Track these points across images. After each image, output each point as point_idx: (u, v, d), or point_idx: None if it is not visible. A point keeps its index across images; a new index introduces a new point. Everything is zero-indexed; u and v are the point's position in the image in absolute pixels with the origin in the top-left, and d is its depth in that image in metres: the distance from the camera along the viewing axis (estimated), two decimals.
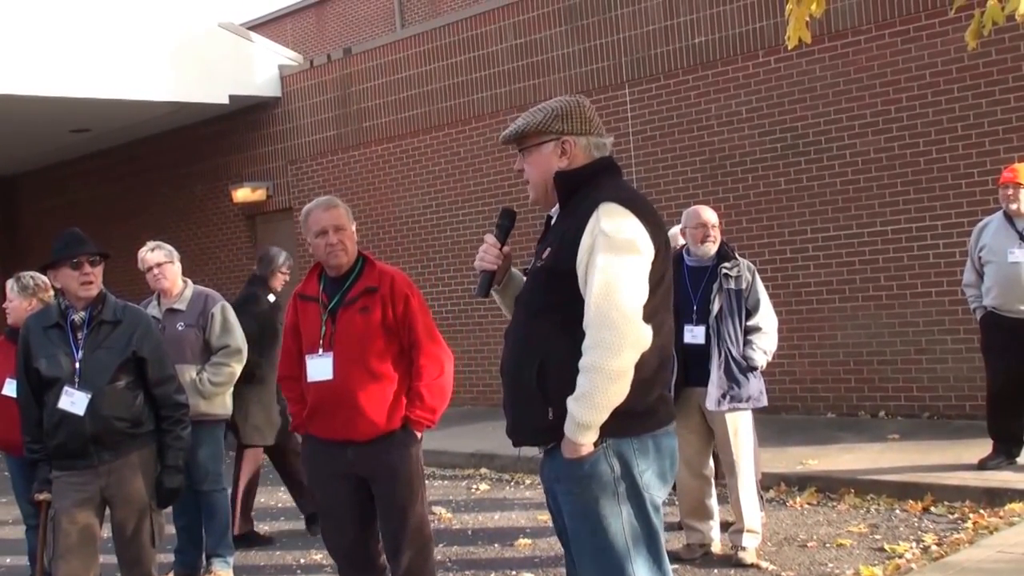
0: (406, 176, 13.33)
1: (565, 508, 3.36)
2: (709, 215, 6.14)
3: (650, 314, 3.23)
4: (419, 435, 4.75)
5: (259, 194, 15.08)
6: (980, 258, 7.37)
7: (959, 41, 8.55)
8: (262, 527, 7.91)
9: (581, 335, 3.19)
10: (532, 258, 3.54)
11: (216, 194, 15.81)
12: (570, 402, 3.18)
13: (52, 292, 5.88)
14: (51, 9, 12.51)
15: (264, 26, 22.91)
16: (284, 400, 6.07)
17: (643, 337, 3.18)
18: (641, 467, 3.29)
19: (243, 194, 15.04)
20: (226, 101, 14.40)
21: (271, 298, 7.44)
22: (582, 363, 3.16)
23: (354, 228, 4.80)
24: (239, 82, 14.47)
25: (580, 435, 3.19)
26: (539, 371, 3.28)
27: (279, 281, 7.52)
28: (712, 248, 6.10)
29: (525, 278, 3.59)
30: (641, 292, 3.22)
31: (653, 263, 3.28)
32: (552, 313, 3.31)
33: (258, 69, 14.68)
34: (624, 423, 3.23)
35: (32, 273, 6.14)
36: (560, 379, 3.22)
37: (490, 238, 3.56)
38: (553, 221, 3.50)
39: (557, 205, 3.47)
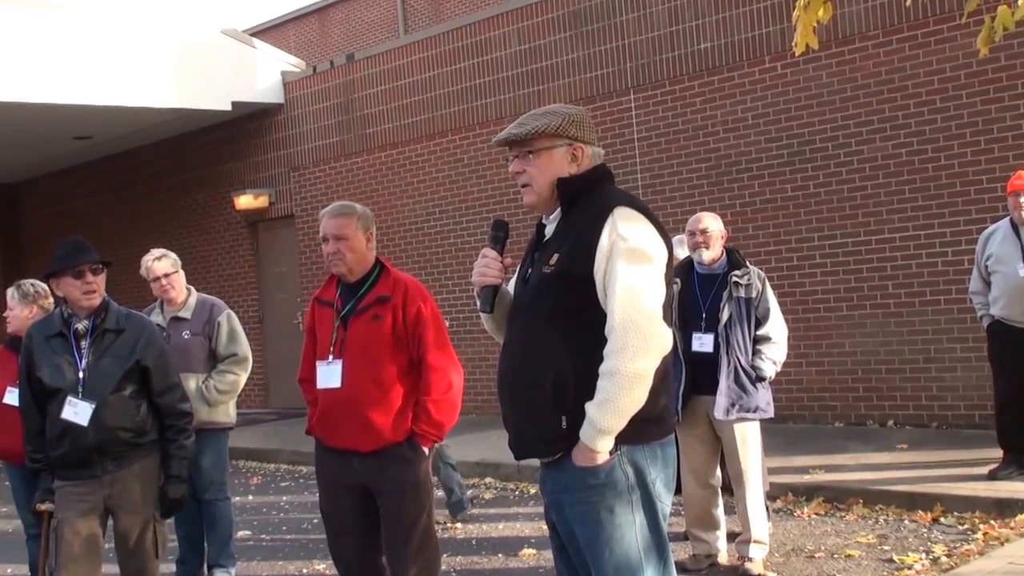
0: (409, 183, 13.29)
1: (576, 519, 3.31)
2: (705, 223, 6.07)
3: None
4: (426, 450, 4.68)
5: (261, 201, 15.05)
6: (987, 267, 7.32)
7: (968, 47, 8.51)
8: (264, 538, 7.87)
9: (594, 341, 3.17)
10: (522, 266, 3.50)
11: (218, 201, 15.77)
12: (591, 407, 3.15)
13: (52, 299, 5.85)
14: (53, 16, 12.49)
15: (267, 32, 22.90)
16: None
17: (667, 340, 3.21)
18: (653, 475, 3.28)
19: (245, 201, 15.02)
20: (228, 108, 14.36)
21: None
22: (605, 368, 3.14)
23: (366, 236, 4.70)
24: (241, 88, 14.44)
25: (599, 441, 3.16)
26: (555, 379, 3.24)
27: None
28: (707, 255, 6.04)
29: (512, 291, 3.55)
30: (660, 296, 3.23)
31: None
32: (564, 319, 3.27)
33: (261, 75, 14.66)
34: (639, 430, 3.22)
35: (32, 281, 6.12)
36: (578, 386, 3.20)
37: (490, 252, 3.50)
38: (549, 227, 3.46)
39: (558, 210, 3.43)
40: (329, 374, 4.61)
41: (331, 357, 4.62)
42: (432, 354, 4.62)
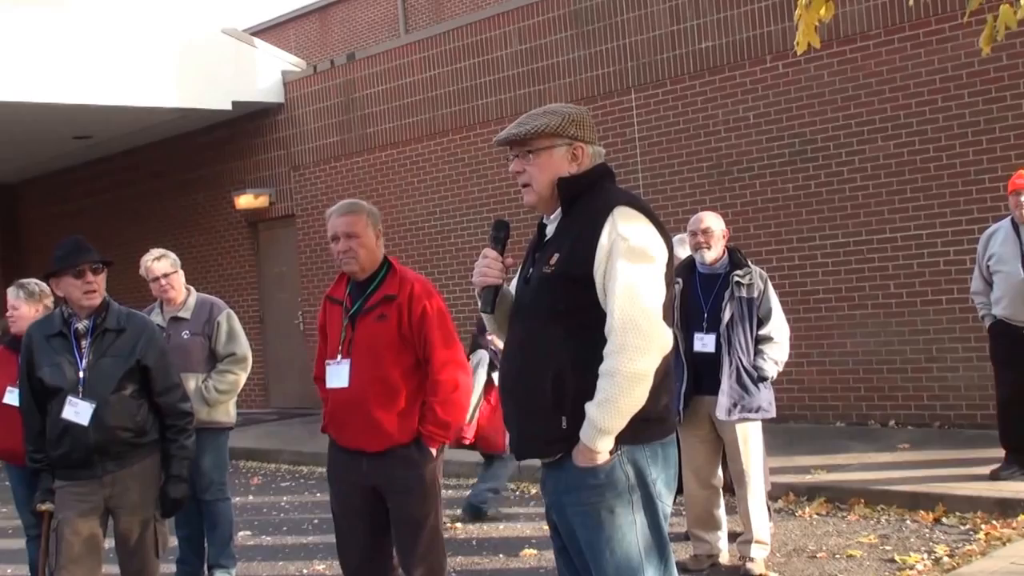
0: (409, 182, 13.28)
1: (576, 519, 3.31)
2: (707, 222, 6.04)
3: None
4: (434, 451, 4.65)
5: (262, 201, 15.03)
6: (988, 267, 7.31)
7: (970, 46, 8.50)
8: (265, 538, 7.85)
9: (594, 340, 3.17)
10: (523, 266, 3.49)
11: (218, 201, 15.75)
12: (591, 408, 3.14)
13: (52, 298, 5.83)
14: (53, 16, 12.47)
15: (267, 32, 22.87)
16: None
17: (668, 340, 3.20)
18: (653, 475, 3.28)
19: (246, 201, 14.99)
20: (229, 107, 14.34)
21: None
22: (605, 367, 3.13)
23: (375, 233, 4.68)
24: (242, 88, 14.42)
25: (599, 441, 3.16)
26: (555, 379, 3.23)
27: None
28: (708, 255, 6.02)
29: (513, 291, 3.54)
30: (661, 296, 3.23)
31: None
32: (564, 319, 3.26)
33: (261, 75, 14.64)
34: (639, 430, 3.21)
35: (35, 280, 6.10)
36: (577, 386, 3.19)
37: (491, 252, 3.48)
38: (550, 226, 3.45)
39: (559, 210, 3.42)
40: (337, 373, 4.59)
41: (339, 357, 4.60)
42: (438, 354, 4.59)
